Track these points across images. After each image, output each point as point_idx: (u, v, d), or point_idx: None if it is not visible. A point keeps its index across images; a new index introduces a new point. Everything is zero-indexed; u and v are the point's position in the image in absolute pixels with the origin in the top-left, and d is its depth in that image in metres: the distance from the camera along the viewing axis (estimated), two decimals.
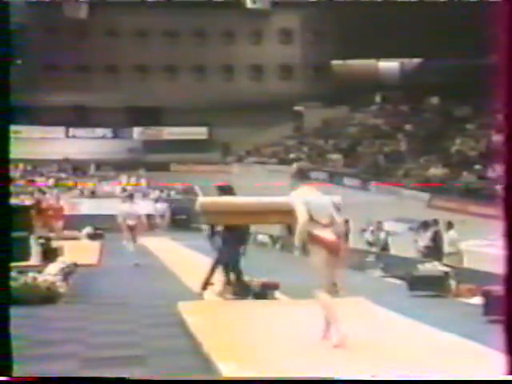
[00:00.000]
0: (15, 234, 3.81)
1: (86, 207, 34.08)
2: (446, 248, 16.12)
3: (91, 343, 7.53)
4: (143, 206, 32.29)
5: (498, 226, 3.10)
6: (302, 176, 6.90)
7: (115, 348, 7.33)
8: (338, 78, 49.87)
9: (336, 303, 7.12)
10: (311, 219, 7.02)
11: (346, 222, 21.08)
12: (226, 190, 11.19)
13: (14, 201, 19.93)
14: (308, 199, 7.14)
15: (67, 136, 50.65)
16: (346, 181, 40.43)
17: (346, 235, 20.98)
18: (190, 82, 50.87)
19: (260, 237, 25.10)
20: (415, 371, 5.48)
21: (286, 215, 11.15)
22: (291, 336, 7.30)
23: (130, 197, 19.06)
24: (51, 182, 38.42)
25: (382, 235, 19.42)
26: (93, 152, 46.83)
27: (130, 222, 16.93)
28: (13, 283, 9.14)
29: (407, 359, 6.23)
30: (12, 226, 3.86)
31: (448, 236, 16.22)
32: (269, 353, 6.56)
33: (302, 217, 7.05)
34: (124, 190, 35.52)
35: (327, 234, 7.03)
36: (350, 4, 44.49)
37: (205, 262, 12.23)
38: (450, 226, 16.44)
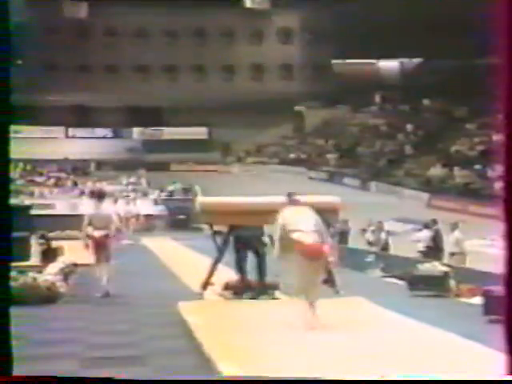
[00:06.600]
0: (15, 234, 3.79)
1: (86, 207, 33.86)
2: (451, 248, 16.10)
3: (91, 343, 7.53)
4: (142, 206, 32.32)
5: (498, 226, 3.10)
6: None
7: (115, 348, 7.33)
8: (338, 78, 49.87)
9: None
10: (290, 230, 7.48)
11: (346, 222, 21.13)
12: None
13: (13, 201, 19.86)
14: (286, 215, 7.71)
15: (67, 136, 50.71)
16: (346, 181, 40.42)
17: (345, 238, 21.05)
18: (190, 82, 50.90)
19: None
20: (415, 371, 5.48)
21: None
22: (291, 336, 7.30)
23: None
24: (51, 182, 38.37)
25: (383, 235, 19.40)
26: (93, 152, 46.82)
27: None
28: (13, 283, 9.13)
29: (407, 359, 6.22)
30: (12, 225, 3.85)
31: (453, 236, 16.19)
32: (269, 353, 6.56)
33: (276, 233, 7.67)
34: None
35: (308, 238, 7.37)
36: (350, 4, 44.54)
37: (205, 261, 12.22)
38: (455, 226, 16.41)
